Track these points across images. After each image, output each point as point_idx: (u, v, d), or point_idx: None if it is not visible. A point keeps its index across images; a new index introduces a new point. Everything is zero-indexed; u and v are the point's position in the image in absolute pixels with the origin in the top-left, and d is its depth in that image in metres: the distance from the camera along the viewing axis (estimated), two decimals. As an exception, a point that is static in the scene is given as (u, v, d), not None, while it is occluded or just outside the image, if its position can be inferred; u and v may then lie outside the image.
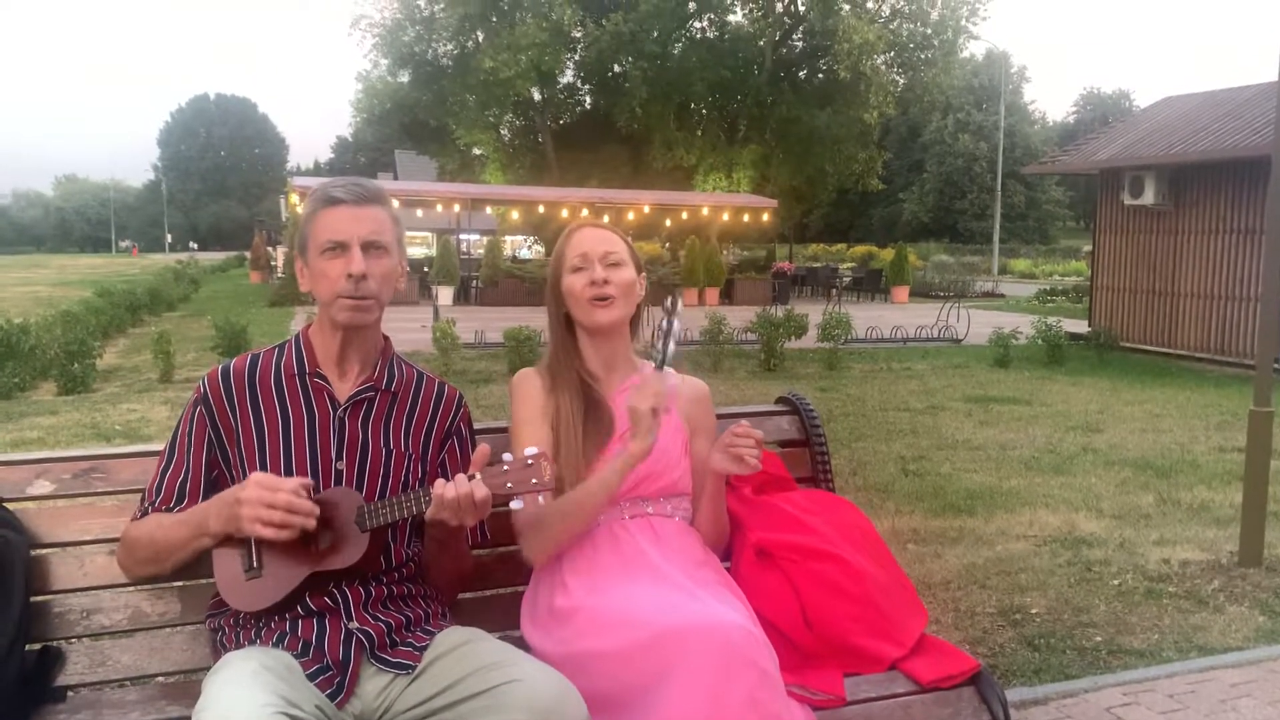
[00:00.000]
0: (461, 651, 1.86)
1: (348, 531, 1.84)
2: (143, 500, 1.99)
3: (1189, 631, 3.90)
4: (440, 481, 1.81)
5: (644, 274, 2.31)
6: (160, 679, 2.19)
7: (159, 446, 2.04)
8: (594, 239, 2.23)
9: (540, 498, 1.86)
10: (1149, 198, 13.93)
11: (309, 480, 1.83)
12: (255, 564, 1.85)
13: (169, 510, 1.94)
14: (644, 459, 2.04)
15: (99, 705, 1.97)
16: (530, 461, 1.79)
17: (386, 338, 2.11)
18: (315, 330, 2.05)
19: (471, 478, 1.81)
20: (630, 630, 1.87)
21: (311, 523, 1.79)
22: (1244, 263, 13.08)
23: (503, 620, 2.25)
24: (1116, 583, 4.44)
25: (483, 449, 1.85)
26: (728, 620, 1.85)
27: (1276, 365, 4.67)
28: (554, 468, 1.84)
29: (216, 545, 1.88)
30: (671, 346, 2.07)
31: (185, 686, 2.04)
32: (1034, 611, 4.08)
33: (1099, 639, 3.81)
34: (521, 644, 2.04)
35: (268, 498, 1.76)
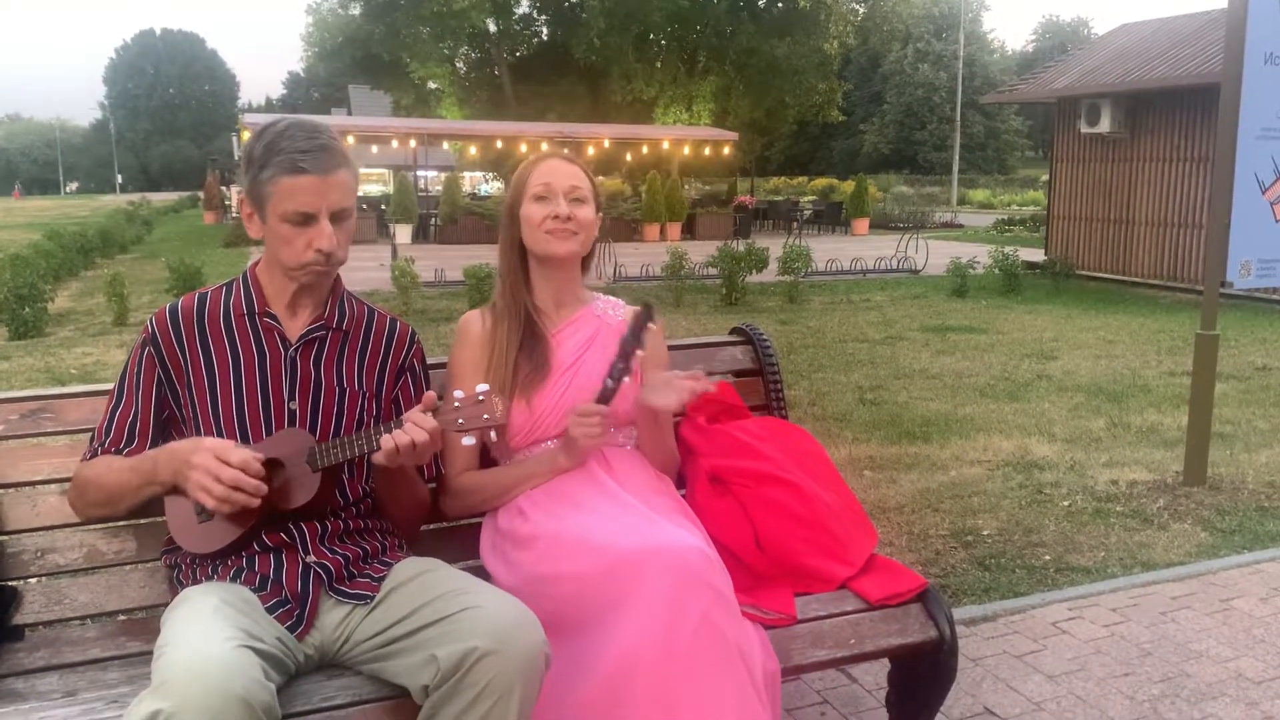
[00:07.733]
0: (420, 581, 1.88)
1: (299, 472, 1.85)
2: (92, 441, 1.97)
3: (1134, 549, 4.02)
4: (385, 438, 1.80)
5: (601, 213, 2.30)
6: (120, 616, 2.20)
7: (108, 387, 2.02)
8: (561, 172, 2.21)
9: (492, 433, 1.87)
10: (1105, 126, 14.01)
11: (260, 456, 1.79)
12: (206, 509, 1.85)
13: (119, 452, 1.92)
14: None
15: (58, 643, 1.98)
16: (481, 398, 1.81)
17: (337, 275, 2.10)
18: (264, 269, 2.02)
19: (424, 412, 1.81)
20: (589, 554, 1.91)
21: (256, 501, 1.77)
22: (1197, 190, 13.22)
23: (462, 551, 2.28)
24: (1066, 504, 4.56)
25: (429, 395, 1.85)
26: (684, 543, 1.89)
27: (1223, 290, 4.76)
28: (505, 404, 1.85)
29: (167, 493, 1.87)
30: (626, 372, 2.09)
31: (145, 623, 2.05)
32: (985, 533, 4.18)
33: (1047, 558, 3.92)
34: (481, 573, 2.07)
35: (214, 469, 1.73)
